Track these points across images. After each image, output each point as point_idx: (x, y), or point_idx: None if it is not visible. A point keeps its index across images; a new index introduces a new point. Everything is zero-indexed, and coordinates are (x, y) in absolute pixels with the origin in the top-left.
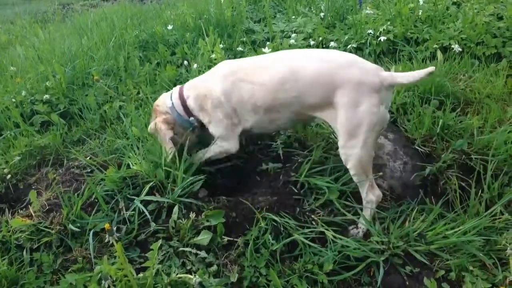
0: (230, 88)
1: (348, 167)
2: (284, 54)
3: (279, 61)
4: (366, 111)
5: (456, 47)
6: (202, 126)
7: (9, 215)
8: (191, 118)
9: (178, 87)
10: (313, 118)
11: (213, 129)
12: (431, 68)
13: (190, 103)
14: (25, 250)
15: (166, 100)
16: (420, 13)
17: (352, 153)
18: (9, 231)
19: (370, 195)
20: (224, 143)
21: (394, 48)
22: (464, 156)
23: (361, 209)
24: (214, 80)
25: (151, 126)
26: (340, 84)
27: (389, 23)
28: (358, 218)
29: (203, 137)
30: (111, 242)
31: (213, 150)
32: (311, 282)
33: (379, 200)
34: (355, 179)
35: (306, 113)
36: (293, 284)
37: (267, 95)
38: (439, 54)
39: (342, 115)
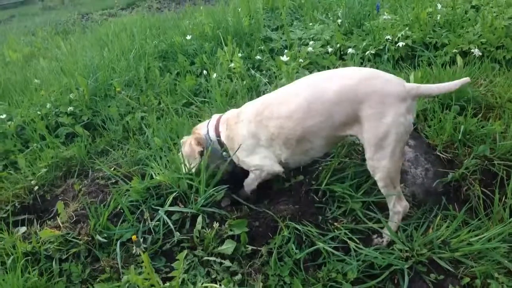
0: (257, 130)
1: (376, 179)
2: (304, 81)
3: (300, 89)
4: (393, 121)
5: (476, 52)
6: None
7: (38, 226)
8: (224, 153)
9: (217, 116)
10: (344, 137)
11: (245, 165)
12: (465, 80)
13: (223, 138)
14: (54, 260)
15: (203, 127)
16: (438, 18)
17: (380, 165)
18: (38, 242)
19: (398, 207)
20: (265, 168)
21: (413, 53)
22: (486, 162)
23: (384, 218)
24: (240, 125)
25: (183, 140)
26: (364, 97)
27: (407, 28)
28: (382, 228)
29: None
30: (138, 253)
31: (257, 177)
32: None
33: (406, 211)
34: (383, 191)
35: (337, 134)
36: None
37: (295, 126)
38: (459, 59)
39: (368, 128)
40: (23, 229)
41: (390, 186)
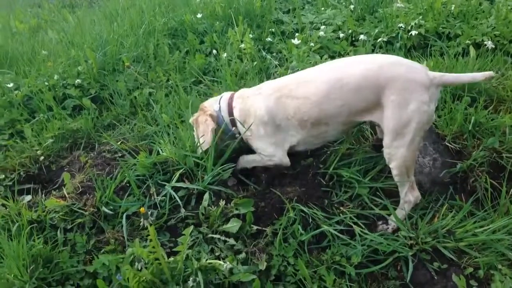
0: (275, 106)
1: (391, 166)
2: (326, 66)
3: (321, 72)
4: (416, 109)
5: (489, 44)
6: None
7: (43, 195)
8: (234, 128)
9: (228, 93)
10: (361, 123)
11: (254, 144)
12: (489, 73)
13: (236, 113)
14: (59, 230)
15: (214, 104)
16: (452, 8)
17: (397, 152)
18: (43, 211)
19: (409, 196)
20: (274, 158)
21: (425, 43)
22: (495, 154)
23: (391, 205)
24: (258, 98)
25: (193, 118)
26: (386, 83)
27: (420, 17)
28: (388, 214)
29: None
30: (142, 226)
31: (262, 161)
32: (338, 274)
33: (417, 202)
34: (396, 179)
35: (355, 119)
36: (321, 275)
37: (313, 108)
38: (471, 50)
39: (389, 114)
40: (28, 197)
41: (404, 175)
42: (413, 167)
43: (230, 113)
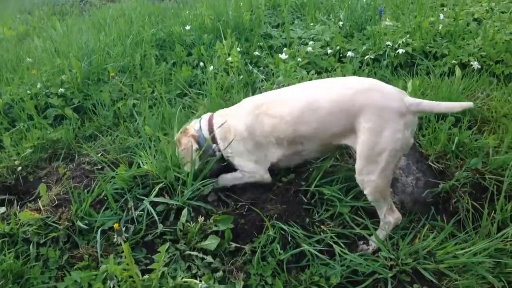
0: (253, 123)
1: (365, 193)
2: (302, 86)
3: (297, 93)
4: (390, 137)
5: (475, 64)
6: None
7: (18, 207)
8: (214, 145)
9: (208, 114)
10: (339, 146)
11: (236, 162)
12: (468, 104)
13: (216, 130)
14: (32, 244)
15: (195, 124)
16: (440, 28)
17: (368, 180)
18: (17, 224)
19: (389, 218)
20: (255, 175)
21: (412, 61)
22: (478, 175)
23: (372, 225)
24: (238, 115)
25: (178, 136)
26: (360, 110)
27: (408, 36)
28: (369, 234)
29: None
30: (119, 242)
31: (243, 179)
32: None
33: (398, 223)
34: (373, 203)
35: (330, 142)
36: None
37: (288, 127)
38: (457, 70)
39: (362, 140)
40: (2, 209)
41: (379, 200)
42: (388, 191)
43: (211, 130)
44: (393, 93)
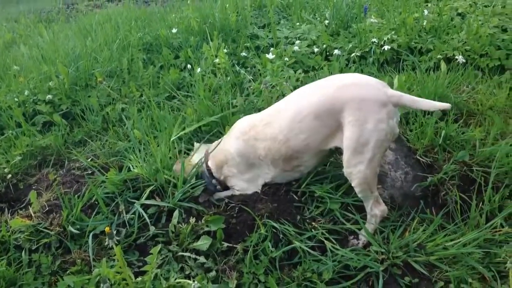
0: (244, 148)
1: (352, 185)
2: (286, 100)
3: (283, 109)
4: (373, 128)
5: (460, 58)
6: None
7: (9, 215)
8: (213, 180)
9: (205, 148)
10: (332, 150)
11: (229, 183)
12: (446, 105)
13: (210, 163)
14: (24, 250)
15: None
16: (424, 23)
17: (356, 171)
18: (8, 231)
19: (375, 210)
20: (247, 192)
21: (398, 57)
22: (465, 167)
23: (362, 219)
24: (228, 142)
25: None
26: (342, 106)
27: (393, 32)
28: (359, 229)
29: None
30: (110, 245)
31: (235, 195)
32: None
33: (384, 215)
34: (360, 195)
35: (324, 148)
36: None
37: (281, 146)
38: (442, 65)
39: (347, 133)
40: None
41: (367, 191)
42: (375, 183)
43: (207, 167)
44: (373, 84)
